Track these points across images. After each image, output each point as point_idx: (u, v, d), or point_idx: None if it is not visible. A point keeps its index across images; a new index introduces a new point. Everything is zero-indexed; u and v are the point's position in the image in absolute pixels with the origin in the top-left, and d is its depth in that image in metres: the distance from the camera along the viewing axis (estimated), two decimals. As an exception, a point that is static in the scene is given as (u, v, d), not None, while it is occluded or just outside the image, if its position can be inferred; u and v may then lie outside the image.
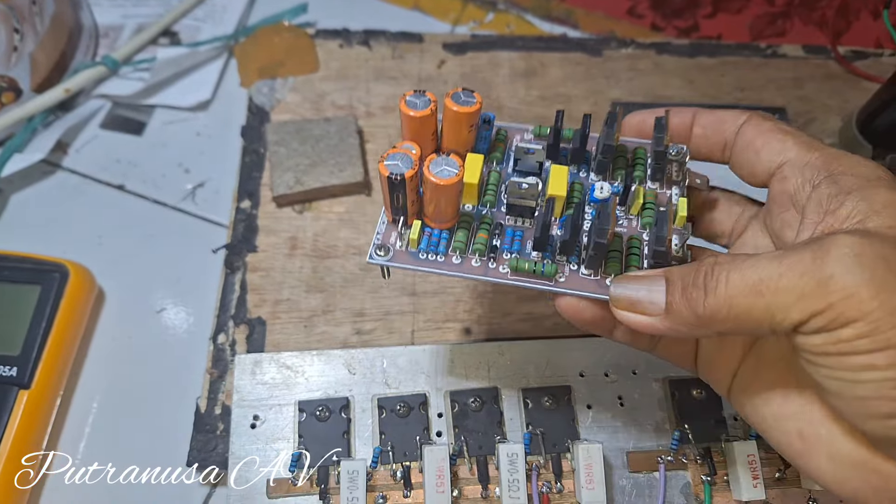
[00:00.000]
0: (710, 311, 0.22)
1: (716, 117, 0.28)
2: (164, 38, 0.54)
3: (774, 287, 0.21)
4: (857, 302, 0.20)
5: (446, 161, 0.25)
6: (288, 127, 0.46)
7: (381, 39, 0.52)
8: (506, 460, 0.34)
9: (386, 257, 0.27)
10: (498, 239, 0.28)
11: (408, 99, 0.26)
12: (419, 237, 0.27)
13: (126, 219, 0.46)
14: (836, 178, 0.24)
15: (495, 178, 0.29)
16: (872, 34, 0.54)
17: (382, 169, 0.25)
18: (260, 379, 0.37)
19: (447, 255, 0.27)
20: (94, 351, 0.42)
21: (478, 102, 0.26)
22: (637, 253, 0.27)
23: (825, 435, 0.23)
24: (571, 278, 0.27)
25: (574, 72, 0.51)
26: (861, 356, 0.20)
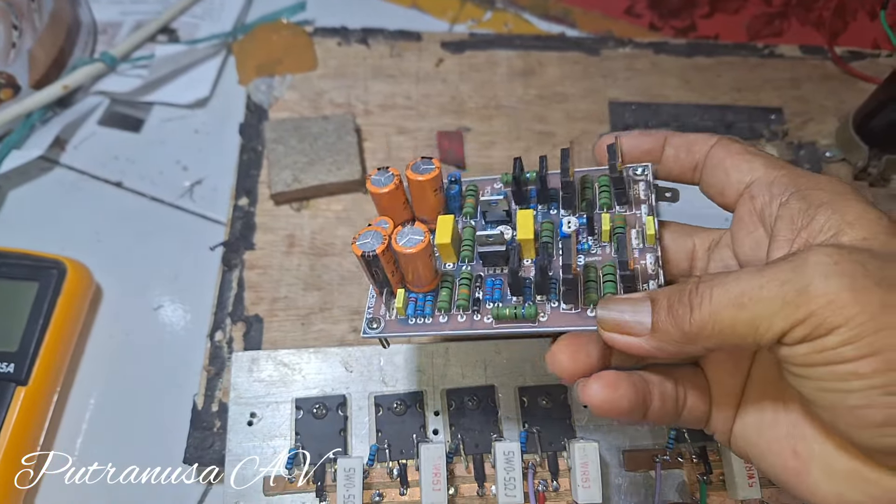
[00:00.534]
0: (696, 326, 0.22)
1: (686, 139, 0.29)
2: (162, 36, 0.54)
3: (756, 298, 0.21)
4: (838, 307, 0.20)
5: (411, 230, 0.26)
6: (286, 125, 0.46)
7: (380, 38, 0.52)
8: (502, 458, 0.34)
9: (378, 329, 0.29)
10: (479, 291, 0.29)
11: (373, 178, 0.28)
12: (405, 304, 0.28)
13: (124, 216, 0.46)
14: (804, 193, 0.24)
15: (470, 234, 0.30)
16: (869, 35, 0.55)
17: (356, 249, 0.26)
18: (257, 376, 0.37)
19: (434, 316, 0.28)
20: (91, 348, 0.42)
21: (436, 168, 0.28)
22: (612, 279, 0.27)
23: (819, 451, 0.23)
24: (553, 315, 0.27)
25: (572, 71, 0.51)
26: (846, 364, 0.20)
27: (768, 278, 0.21)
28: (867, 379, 0.20)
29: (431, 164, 0.28)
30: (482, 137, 0.48)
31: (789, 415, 0.24)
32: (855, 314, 0.20)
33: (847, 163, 0.48)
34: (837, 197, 0.23)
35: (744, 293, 0.21)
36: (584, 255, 0.29)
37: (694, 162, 0.28)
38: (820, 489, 0.23)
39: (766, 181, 0.26)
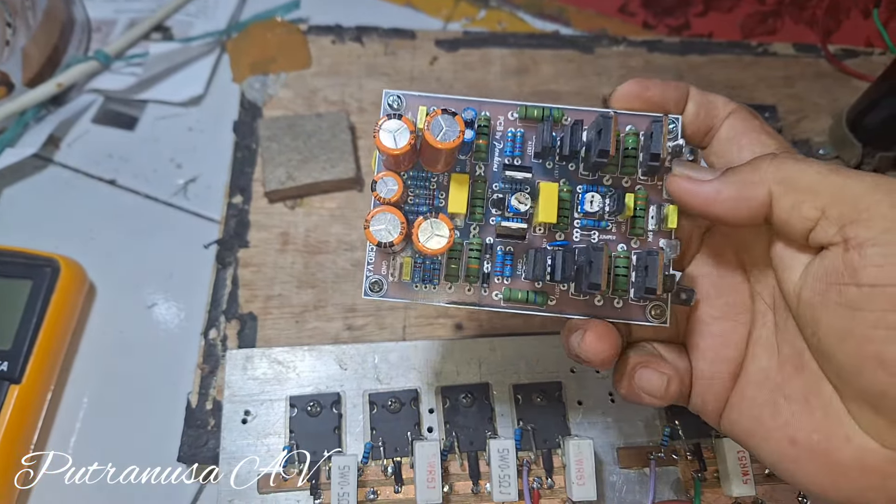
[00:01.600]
0: (775, 167, 0.22)
1: (706, 99, 0.27)
2: (156, 34, 0.54)
3: (849, 173, 0.21)
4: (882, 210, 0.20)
5: (434, 226, 0.24)
6: (280, 122, 0.46)
7: (374, 36, 0.52)
8: (497, 456, 0.34)
9: (381, 293, 0.27)
10: (489, 264, 0.27)
11: (382, 132, 0.24)
12: (411, 271, 0.27)
13: (117, 214, 0.46)
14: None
15: (481, 189, 0.27)
16: (863, 33, 0.55)
17: (370, 237, 0.24)
18: (251, 374, 0.37)
19: (441, 284, 0.27)
20: (84, 346, 0.42)
21: (461, 133, 0.24)
22: (625, 274, 0.26)
23: (820, 441, 0.23)
24: (562, 299, 0.27)
25: (566, 69, 0.51)
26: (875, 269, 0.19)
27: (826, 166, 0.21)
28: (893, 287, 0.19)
29: (456, 126, 0.24)
30: (477, 135, 0.48)
31: (791, 405, 0.24)
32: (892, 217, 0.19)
33: (841, 160, 0.48)
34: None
35: (839, 168, 0.21)
36: (600, 232, 0.27)
37: (711, 125, 0.27)
38: (818, 479, 0.23)
39: None
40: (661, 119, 0.25)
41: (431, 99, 0.27)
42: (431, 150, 0.25)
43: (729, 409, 0.26)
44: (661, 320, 0.27)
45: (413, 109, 0.27)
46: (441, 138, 0.24)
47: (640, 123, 0.27)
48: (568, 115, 0.27)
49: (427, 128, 0.24)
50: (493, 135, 0.28)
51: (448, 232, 0.24)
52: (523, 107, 0.27)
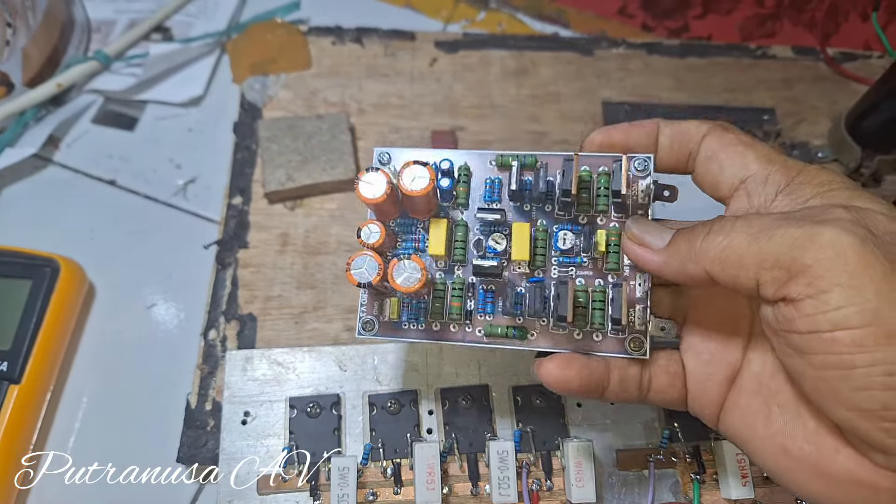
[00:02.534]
0: (707, 245, 0.23)
1: (679, 127, 0.28)
2: (156, 34, 0.54)
3: (770, 235, 0.21)
4: (842, 263, 0.20)
5: (409, 267, 0.27)
6: (280, 123, 0.46)
7: (374, 37, 0.52)
8: (496, 458, 0.34)
9: (372, 332, 0.30)
10: (471, 301, 0.29)
11: (362, 184, 0.26)
12: (399, 311, 0.29)
13: (117, 214, 0.46)
14: (794, 188, 0.24)
15: (462, 233, 0.29)
16: (861, 36, 0.55)
17: (350, 278, 0.27)
18: (251, 375, 0.37)
19: (427, 322, 0.29)
20: (84, 346, 0.42)
21: (430, 181, 0.26)
22: (601, 308, 0.28)
23: (809, 451, 0.23)
24: (543, 334, 0.29)
25: (565, 71, 0.51)
26: (849, 331, 0.20)
27: (787, 220, 0.21)
28: (869, 352, 0.19)
29: (425, 174, 0.26)
30: (476, 137, 0.48)
31: (783, 414, 0.24)
32: (859, 275, 0.20)
33: (839, 163, 0.48)
34: (826, 190, 0.24)
35: (762, 230, 0.22)
36: (577, 268, 0.29)
37: (688, 151, 0.28)
38: (810, 488, 0.23)
39: (761, 178, 0.25)
40: (619, 158, 0.27)
41: (417, 152, 0.30)
42: (409, 197, 0.27)
43: (724, 412, 0.27)
44: (640, 352, 0.28)
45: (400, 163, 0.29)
46: (411, 187, 0.26)
47: (609, 164, 0.29)
48: (540, 161, 0.29)
49: (400, 177, 0.27)
50: (471, 181, 0.30)
51: (421, 272, 0.26)
52: (499, 156, 0.29)
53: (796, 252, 0.21)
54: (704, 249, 0.23)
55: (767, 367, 0.26)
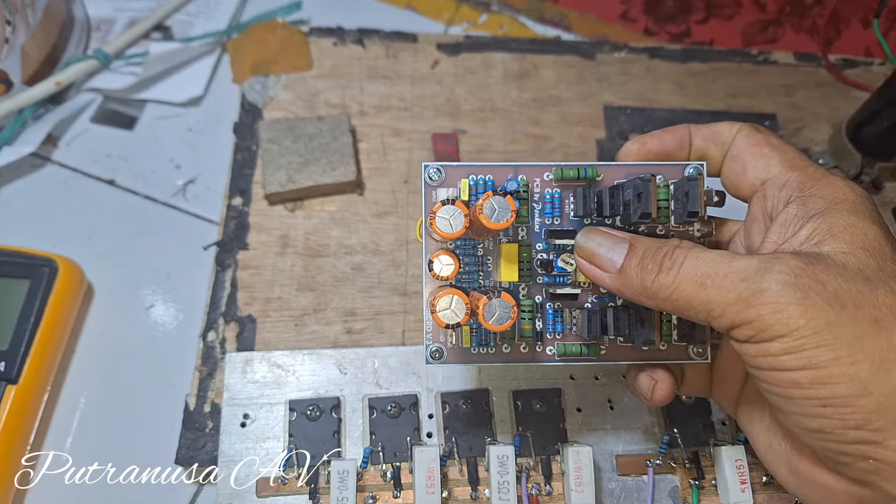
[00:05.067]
0: (657, 287, 0.24)
1: (711, 130, 0.28)
2: (156, 33, 0.53)
3: (718, 284, 0.22)
4: (784, 318, 0.21)
5: (500, 305, 0.25)
6: (281, 125, 0.46)
7: (375, 38, 0.52)
8: (496, 462, 0.34)
9: (441, 360, 0.29)
10: (540, 321, 0.29)
11: (439, 218, 0.25)
12: (470, 337, 0.29)
13: (116, 214, 0.46)
14: (805, 199, 0.25)
15: (527, 253, 0.29)
16: (862, 43, 0.55)
17: (438, 320, 0.26)
18: (251, 377, 0.37)
19: (497, 345, 0.29)
20: (82, 346, 0.42)
21: (512, 215, 0.25)
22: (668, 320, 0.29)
23: (783, 449, 0.25)
24: (612, 348, 0.30)
25: (567, 74, 0.51)
26: (787, 373, 0.21)
27: (734, 270, 0.22)
28: (804, 390, 0.21)
29: (507, 206, 0.25)
30: (477, 140, 0.48)
31: (770, 413, 0.26)
32: (799, 327, 0.21)
33: (840, 170, 0.48)
34: (832, 206, 0.24)
35: (708, 275, 0.23)
36: None
37: (724, 151, 0.28)
38: (789, 482, 0.26)
39: (779, 182, 0.26)
40: (695, 178, 0.26)
41: (470, 168, 0.29)
42: (484, 228, 0.26)
43: (739, 407, 0.29)
44: (702, 357, 0.29)
45: (453, 181, 0.29)
46: (495, 219, 0.25)
47: (667, 173, 0.28)
48: (601, 172, 0.28)
49: (481, 210, 0.25)
50: (531, 197, 0.29)
51: (513, 310, 0.26)
52: (559, 168, 0.28)
53: (740, 306, 0.22)
54: (655, 291, 0.24)
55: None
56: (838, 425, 0.21)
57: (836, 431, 0.21)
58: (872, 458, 0.21)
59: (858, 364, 0.21)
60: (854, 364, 0.21)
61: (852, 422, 0.21)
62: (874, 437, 0.21)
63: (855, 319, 0.21)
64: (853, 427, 0.21)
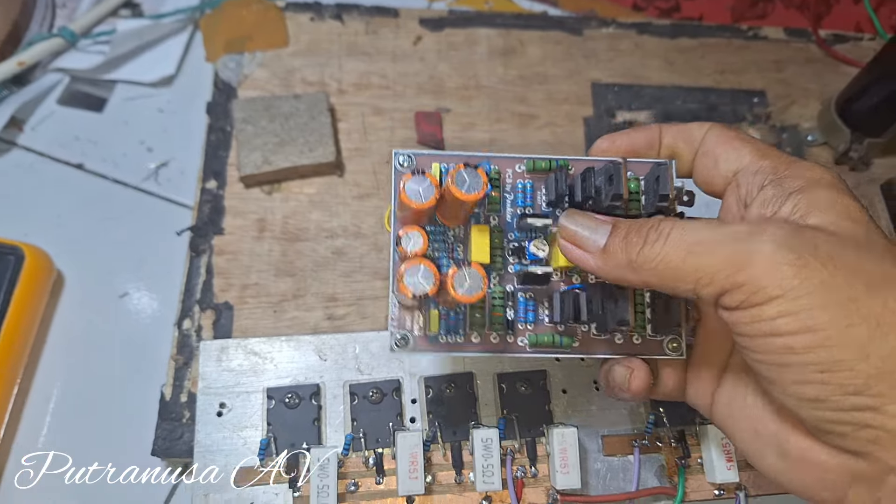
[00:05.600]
0: (643, 259, 0.23)
1: (682, 128, 0.28)
2: (125, 10, 0.51)
3: (707, 250, 0.22)
4: (778, 278, 0.21)
5: (471, 276, 0.25)
6: (256, 104, 0.44)
7: (355, 13, 0.50)
8: (480, 445, 0.33)
9: (408, 347, 0.28)
10: (511, 310, 0.28)
11: (408, 187, 0.25)
12: (438, 324, 0.28)
13: (86, 199, 0.44)
14: (780, 180, 0.25)
15: (499, 240, 0.28)
16: (853, 18, 0.54)
17: (404, 289, 0.25)
18: (226, 366, 0.36)
19: (466, 335, 0.28)
20: (53, 337, 0.41)
21: (484, 185, 0.25)
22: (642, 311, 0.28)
23: (774, 431, 0.24)
24: (585, 340, 0.29)
25: (553, 51, 0.50)
26: (782, 338, 0.21)
27: (724, 234, 0.22)
28: (801, 355, 0.21)
29: (479, 178, 0.25)
30: (461, 119, 0.47)
31: (755, 399, 0.25)
32: (793, 287, 0.20)
33: (829, 146, 0.47)
34: (811, 184, 0.24)
35: (697, 242, 0.22)
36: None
37: (694, 150, 0.28)
38: (774, 467, 0.24)
39: (751, 170, 0.26)
40: (665, 164, 0.27)
41: (441, 157, 0.28)
42: (453, 203, 0.25)
43: (715, 402, 0.28)
44: (677, 353, 0.29)
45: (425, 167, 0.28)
46: (466, 190, 0.25)
47: (637, 169, 0.28)
48: (572, 165, 0.28)
49: (452, 181, 0.25)
50: (503, 187, 0.29)
51: (483, 280, 0.25)
52: (531, 160, 0.29)
53: (731, 269, 0.21)
54: (640, 262, 0.23)
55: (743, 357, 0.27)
56: (837, 391, 0.20)
57: (835, 399, 0.21)
58: (870, 426, 0.20)
59: (856, 326, 0.20)
60: (851, 326, 0.20)
61: (851, 387, 0.20)
62: (873, 403, 0.20)
63: (849, 282, 0.20)
64: (852, 393, 0.20)
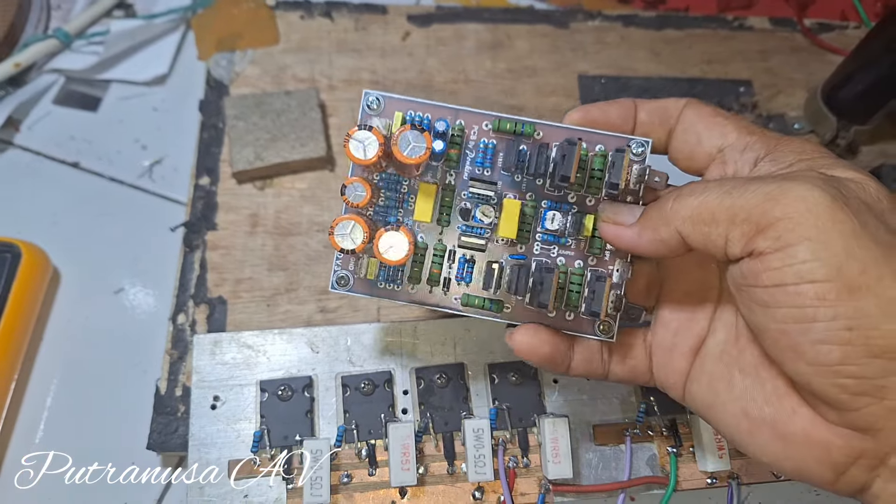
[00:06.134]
0: (679, 205, 0.23)
1: (658, 104, 0.28)
2: (118, 10, 0.52)
3: (744, 190, 0.22)
4: (814, 218, 0.20)
5: (394, 239, 0.26)
6: (247, 101, 0.45)
7: (344, 11, 0.51)
8: (472, 436, 0.33)
9: (347, 287, 0.30)
10: (451, 268, 0.29)
11: (352, 142, 0.25)
12: (377, 270, 0.29)
13: (81, 197, 0.45)
14: (776, 156, 0.24)
15: (449, 197, 0.29)
16: (837, 7, 0.54)
17: (333, 242, 0.26)
18: (220, 359, 0.36)
19: (404, 284, 0.29)
20: (49, 333, 0.41)
21: (427, 149, 0.26)
22: (578, 291, 0.28)
23: (768, 412, 0.24)
24: (517, 309, 0.29)
25: (541, 44, 0.50)
26: (813, 285, 0.20)
27: (763, 179, 0.22)
28: (831, 307, 0.20)
29: (422, 141, 0.25)
30: (450, 113, 0.47)
31: (745, 378, 0.25)
32: (827, 230, 0.20)
33: (816, 134, 0.48)
34: (811, 159, 0.24)
35: (735, 186, 0.22)
36: (560, 247, 0.29)
37: (669, 128, 0.28)
38: (768, 449, 0.24)
39: (739, 147, 0.26)
40: (623, 149, 0.27)
41: (410, 103, 0.28)
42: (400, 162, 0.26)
43: (689, 381, 0.27)
44: (607, 335, 0.29)
45: (390, 113, 0.28)
46: (408, 153, 0.26)
47: (610, 144, 0.28)
48: (540, 130, 0.28)
49: (395, 142, 0.25)
50: (466, 143, 0.29)
51: (407, 245, 0.26)
52: (497, 119, 0.28)
53: (767, 205, 0.21)
54: (676, 210, 0.23)
55: (731, 334, 0.26)
56: (861, 354, 0.20)
57: (858, 362, 0.20)
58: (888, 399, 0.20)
59: (885, 281, 0.20)
60: (881, 280, 0.20)
61: (876, 348, 0.20)
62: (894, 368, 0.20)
63: (876, 238, 0.20)
64: (877, 355, 0.20)
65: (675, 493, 0.35)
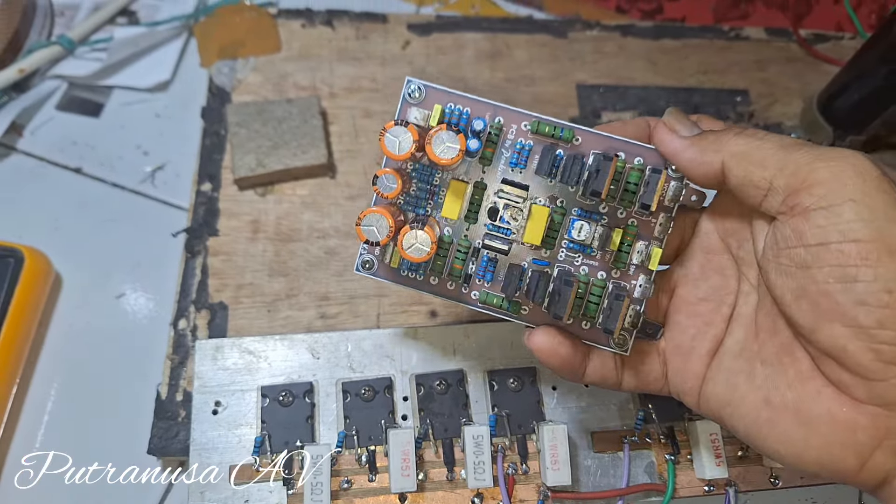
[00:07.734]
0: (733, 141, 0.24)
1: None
2: (121, 18, 0.52)
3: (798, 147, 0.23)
4: (860, 182, 0.21)
5: (418, 239, 0.26)
6: (249, 108, 0.45)
7: (345, 19, 0.51)
8: (471, 442, 0.34)
9: (371, 271, 0.30)
10: (473, 265, 0.29)
11: (388, 137, 0.25)
12: (400, 259, 0.29)
13: (83, 202, 0.45)
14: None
15: (479, 195, 0.29)
16: (833, 17, 0.55)
17: (360, 233, 0.26)
18: (221, 364, 0.36)
19: (426, 275, 0.30)
20: (51, 337, 0.41)
21: (460, 151, 0.25)
22: (597, 302, 0.28)
23: (791, 397, 0.24)
24: (534, 312, 0.29)
25: (539, 53, 0.51)
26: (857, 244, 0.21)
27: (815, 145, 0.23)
28: (873, 266, 0.20)
29: (456, 143, 0.25)
30: (450, 121, 0.48)
31: (766, 368, 0.25)
32: (871, 196, 0.21)
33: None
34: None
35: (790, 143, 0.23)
36: (584, 256, 0.29)
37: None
38: (790, 437, 0.23)
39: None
40: (660, 171, 0.27)
41: (451, 95, 0.28)
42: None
43: (706, 383, 0.27)
44: (622, 349, 0.29)
45: (430, 104, 0.28)
46: (440, 154, 0.26)
47: (649, 157, 0.28)
48: (578, 136, 0.28)
49: (430, 141, 0.25)
50: (503, 142, 0.29)
51: (430, 246, 0.26)
52: (536, 121, 0.28)
53: (818, 164, 0.22)
54: (729, 143, 0.24)
55: (751, 330, 0.26)
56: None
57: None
58: None
59: None
60: None
61: None
62: None
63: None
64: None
65: (673, 501, 0.35)
